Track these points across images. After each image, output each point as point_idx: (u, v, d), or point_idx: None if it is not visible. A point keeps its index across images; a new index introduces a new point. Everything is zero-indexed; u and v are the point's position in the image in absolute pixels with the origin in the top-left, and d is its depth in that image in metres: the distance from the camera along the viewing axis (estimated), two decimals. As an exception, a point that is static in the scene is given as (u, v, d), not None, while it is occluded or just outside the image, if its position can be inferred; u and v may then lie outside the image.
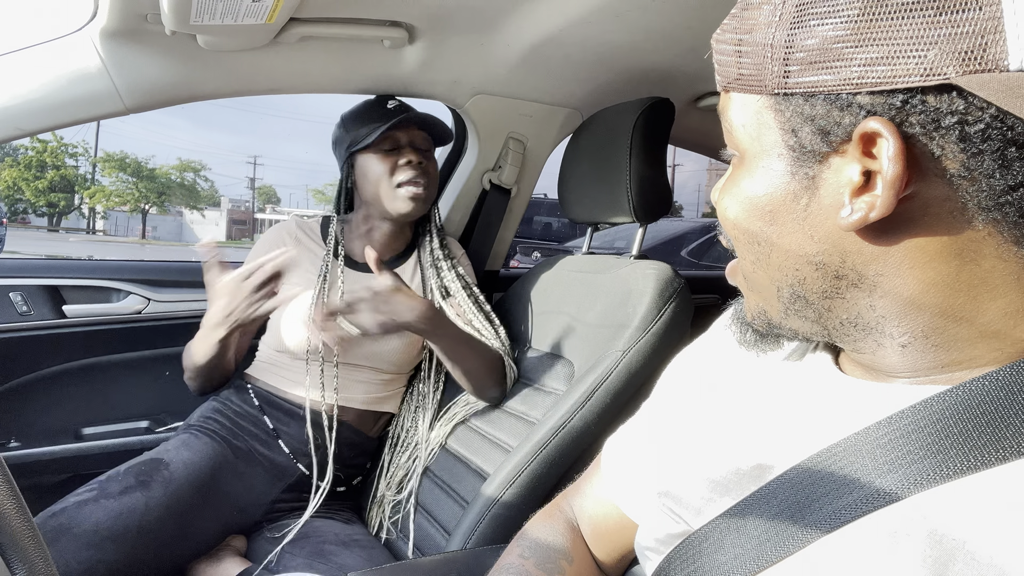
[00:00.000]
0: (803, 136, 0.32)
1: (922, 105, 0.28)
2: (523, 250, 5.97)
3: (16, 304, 1.23)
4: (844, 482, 0.33)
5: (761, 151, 0.35)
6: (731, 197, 0.37)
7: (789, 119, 0.33)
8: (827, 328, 0.37)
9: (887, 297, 0.33)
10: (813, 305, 0.36)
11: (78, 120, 0.97)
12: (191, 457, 1.03)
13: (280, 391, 1.15)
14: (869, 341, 0.35)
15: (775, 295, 0.38)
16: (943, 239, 0.31)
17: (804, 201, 0.34)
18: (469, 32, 1.07)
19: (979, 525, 0.29)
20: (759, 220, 0.36)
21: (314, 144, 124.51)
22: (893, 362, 0.35)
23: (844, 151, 0.31)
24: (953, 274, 0.31)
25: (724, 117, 0.38)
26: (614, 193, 1.08)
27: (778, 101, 0.33)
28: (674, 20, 0.99)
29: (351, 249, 1.21)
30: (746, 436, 0.42)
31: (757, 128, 0.35)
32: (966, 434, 0.30)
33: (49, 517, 0.89)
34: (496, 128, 1.34)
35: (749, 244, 0.37)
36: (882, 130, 0.29)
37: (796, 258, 0.35)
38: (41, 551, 0.36)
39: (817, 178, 0.33)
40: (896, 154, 0.29)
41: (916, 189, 0.30)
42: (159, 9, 0.84)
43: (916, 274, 0.32)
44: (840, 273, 0.34)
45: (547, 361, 1.10)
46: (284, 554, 1.02)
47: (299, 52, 1.04)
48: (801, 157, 0.33)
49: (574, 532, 0.61)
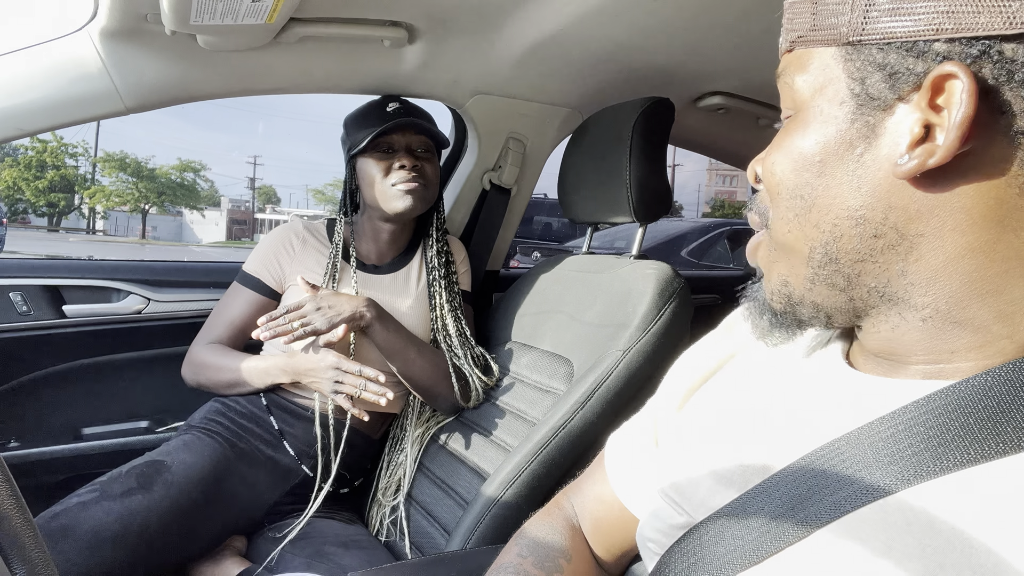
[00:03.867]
0: (871, 84, 0.33)
1: (999, 55, 0.29)
2: (523, 250, 5.97)
3: (16, 304, 1.23)
4: (844, 475, 0.33)
5: (822, 101, 0.35)
6: (781, 152, 0.38)
7: (860, 67, 0.33)
8: (852, 298, 0.36)
9: (921, 260, 0.33)
10: (843, 270, 0.36)
11: (78, 120, 0.97)
12: (193, 459, 1.03)
13: (287, 392, 1.15)
14: (892, 315, 0.35)
15: (805, 258, 0.37)
16: (989, 203, 0.31)
17: (860, 149, 0.34)
18: (469, 32, 1.07)
19: (977, 516, 0.29)
20: (807, 171, 0.36)
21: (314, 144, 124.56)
22: (911, 341, 0.35)
23: (910, 100, 0.32)
24: (992, 242, 0.31)
25: (783, 78, 0.38)
26: (614, 193, 1.08)
27: (849, 51, 0.33)
28: (674, 20, 0.99)
29: (359, 251, 1.22)
30: (753, 432, 0.42)
31: (822, 80, 0.35)
32: (967, 428, 0.31)
33: (50, 518, 0.89)
34: (496, 128, 1.34)
35: (791, 199, 0.37)
36: (958, 71, 0.29)
37: (837, 212, 0.35)
38: (41, 551, 0.36)
39: (878, 126, 0.33)
40: (970, 93, 0.29)
41: (975, 145, 0.30)
42: (159, 9, 0.84)
43: (955, 238, 0.32)
44: (879, 231, 0.34)
45: (547, 361, 1.10)
46: (284, 554, 1.02)
47: (299, 52, 1.04)
48: (865, 105, 0.33)
49: (573, 530, 0.61)
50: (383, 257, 1.23)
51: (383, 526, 1.16)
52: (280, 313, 1.06)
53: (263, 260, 1.19)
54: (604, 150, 1.12)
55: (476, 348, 1.21)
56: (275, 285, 1.19)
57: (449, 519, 1.05)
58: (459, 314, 1.21)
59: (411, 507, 1.14)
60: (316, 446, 1.11)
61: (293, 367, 1.09)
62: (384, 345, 1.11)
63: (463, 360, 1.16)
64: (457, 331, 1.19)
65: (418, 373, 1.13)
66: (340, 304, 1.07)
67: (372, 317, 1.09)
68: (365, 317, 1.08)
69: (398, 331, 1.12)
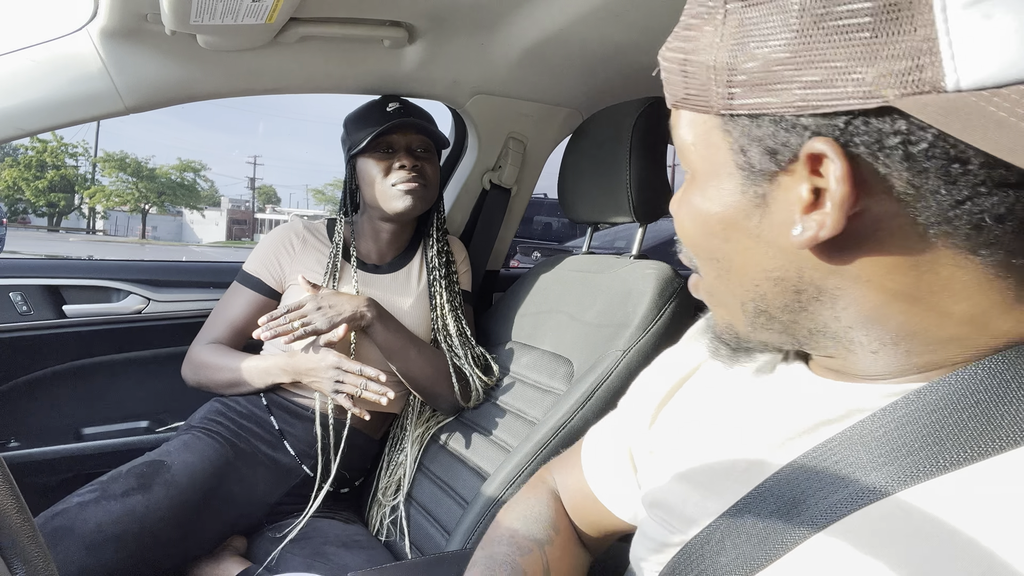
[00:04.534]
0: (752, 156, 0.32)
1: (865, 127, 0.28)
2: (523, 250, 5.96)
3: (16, 304, 1.23)
4: (837, 478, 0.33)
5: (711, 170, 0.35)
6: (686, 210, 0.38)
7: (737, 139, 0.33)
8: (796, 338, 0.37)
9: (850, 308, 0.33)
10: (778, 319, 0.36)
11: (78, 120, 0.97)
12: (193, 459, 1.02)
13: (288, 392, 1.15)
14: (840, 348, 0.35)
15: (739, 309, 0.38)
16: (897, 253, 0.31)
17: (756, 219, 0.34)
18: (469, 32, 1.07)
19: (976, 516, 0.29)
20: (715, 237, 0.36)
21: (314, 144, 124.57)
22: (866, 366, 0.35)
23: (792, 170, 0.31)
24: (912, 284, 0.31)
25: (675, 134, 0.38)
26: (614, 193, 1.08)
27: (725, 121, 0.33)
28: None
29: (360, 250, 1.22)
30: (731, 441, 0.42)
31: (707, 147, 0.35)
32: (961, 424, 0.31)
33: (50, 518, 0.89)
34: (496, 128, 1.34)
35: (708, 260, 0.38)
36: (828, 151, 0.29)
37: (754, 274, 0.35)
38: (41, 551, 0.36)
39: (768, 196, 0.33)
40: (843, 175, 0.29)
41: (865, 206, 0.30)
42: (159, 9, 0.84)
43: (875, 287, 0.32)
44: (799, 288, 0.34)
45: (547, 361, 1.10)
46: (284, 554, 1.02)
47: (299, 52, 1.04)
48: (751, 176, 0.33)
49: (558, 503, 0.63)
50: (383, 257, 1.23)
51: (383, 526, 1.16)
52: (280, 313, 1.07)
53: (263, 260, 1.19)
54: (604, 150, 1.12)
55: (476, 348, 1.21)
56: (275, 285, 1.19)
57: (449, 519, 1.05)
58: (459, 314, 1.21)
59: (411, 507, 1.14)
60: (316, 446, 1.11)
61: (294, 367, 1.09)
62: (384, 345, 1.11)
63: (463, 360, 1.16)
64: (457, 331, 1.19)
65: (418, 373, 1.13)
66: (341, 304, 1.07)
67: (373, 317, 1.09)
68: (366, 317, 1.08)
69: (398, 331, 1.12)
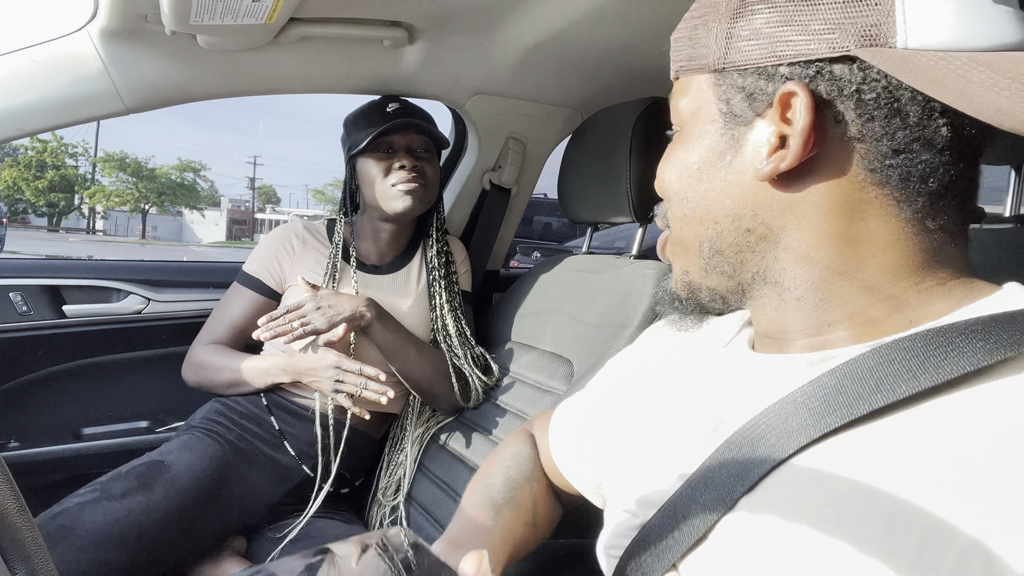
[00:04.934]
0: (734, 104, 0.40)
1: (829, 74, 0.36)
2: (523, 250, 5.97)
3: (16, 304, 1.23)
4: (757, 448, 0.39)
5: (698, 121, 0.42)
6: (670, 165, 0.45)
7: (725, 91, 0.40)
8: (740, 283, 0.43)
9: (788, 249, 0.40)
10: (728, 259, 0.43)
11: (78, 120, 0.97)
12: (193, 459, 1.02)
13: (288, 392, 1.15)
14: (773, 296, 0.42)
15: (697, 251, 0.44)
16: (836, 198, 0.38)
17: (728, 158, 0.41)
18: (469, 32, 1.07)
19: (876, 464, 0.33)
20: (690, 178, 0.43)
21: (314, 144, 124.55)
22: (791, 319, 0.41)
23: (766, 115, 0.39)
24: (843, 229, 0.38)
25: (673, 102, 0.46)
26: (614, 193, 1.08)
27: (717, 77, 0.41)
28: (674, 19, 0.98)
29: (359, 251, 1.22)
30: (681, 423, 0.46)
31: (698, 102, 0.42)
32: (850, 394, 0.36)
33: (50, 518, 0.89)
34: (496, 128, 1.34)
35: (680, 201, 0.44)
36: (797, 89, 0.36)
37: (715, 211, 0.42)
38: (41, 551, 0.36)
39: (741, 139, 0.40)
40: (806, 107, 0.36)
41: (819, 151, 0.37)
42: (159, 9, 0.84)
43: (813, 227, 0.38)
44: (751, 226, 0.41)
45: (546, 360, 1.10)
46: (284, 555, 1.02)
47: (299, 52, 1.04)
48: (730, 121, 0.40)
49: (539, 455, 0.69)
50: (383, 257, 1.23)
51: (383, 526, 1.15)
52: (280, 313, 1.07)
53: (263, 260, 1.19)
54: (604, 150, 1.12)
55: (476, 348, 1.21)
56: (275, 285, 1.19)
57: (449, 519, 1.04)
58: (459, 314, 1.21)
59: (411, 507, 1.14)
60: (316, 446, 1.11)
61: (293, 366, 1.09)
62: (384, 345, 1.11)
63: (463, 360, 1.16)
64: (457, 331, 1.19)
65: (418, 373, 1.13)
66: (340, 303, 1.07)
67: (372, 317, 1.09)
68: (365, 317, 1.08)
69: (398, 331, 1.12)
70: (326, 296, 1.08)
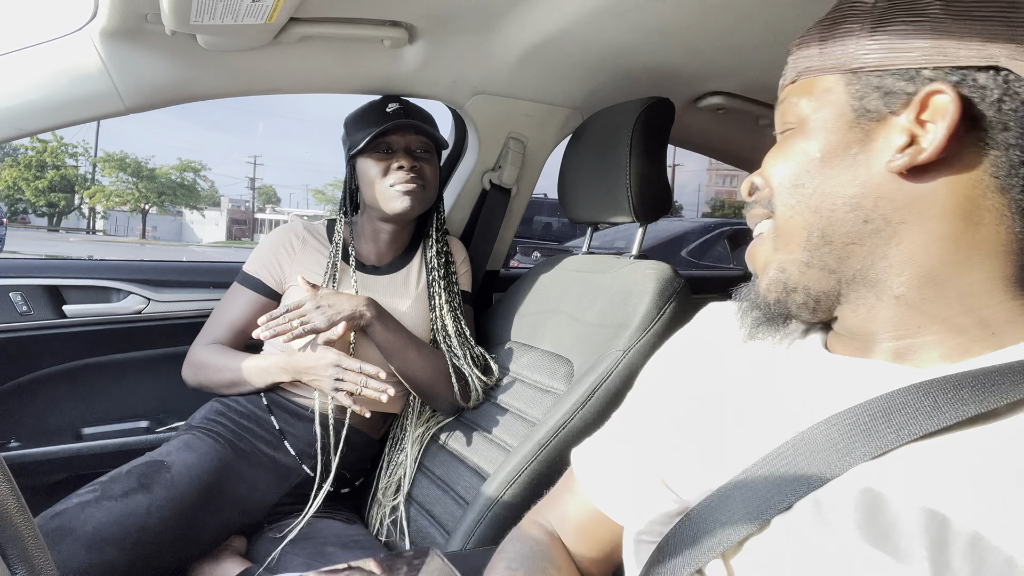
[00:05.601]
0: (868, 101, 0.40)
1: (974, 82, 0.37)
2: (523, 250, 5.97)
3: (16, 304, 1.23)
4: (815, 457, 0.39)
5: (823, 118, 0.43)
6: (782, 157, 0.45)
7: (859, 89, 0.41)
8: (840, 281, 0.43)
9: (901, 245, 0.40)
10: (835, 251, 0.42)
11: (78, 120, 0.97)
12: (193, 459, 1.02)
13: (288, 392, 1.15)
14: (870, 296, 0.42)
15: (804, 241, 0.43)
16: (959, 200, 0.38)
17: (855, 150, 0.41)
18: (469, 32, 1.07)
19: (909, 491, 0.35)
20: (810, 165, 0.43)
21: (314, 144, 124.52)
22: (883, 319, 0.41)
23: (900, 114, 0.39)
24: (958, 232, 0.38)
25: (787, 101, 0.46)
26: (614, 193, 1.08)
27: (851, 77, 0.41)
28: (674, 20, 0.99)
29: (359, 251, 1.22)
30: (738, 417, 0.46)
31: (826, 100, 0.43)
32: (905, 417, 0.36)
33: (50, 518, 0.89)
34: (496, 128, 1.34)
35: (794, 187, 0.44)
36: (945, 88, 0.37)
37: (835, 199, 0.42)
38: (41, 551, 0.36)
39: (871, 133, 0.41)
40: (954, 102, 0.37)
41: (951, 151, 0.38)
42: (159, 9, 0.84)
43: (930, 225, 0.39)
44: (869, 217, 0.41)
45: (547, 361, 1.10)
46: (284, 554, 1.02)
47: (299, 52, 1.04)
48: (862, 117, 0.41)
49: (555, 540, 0.61)
50: (383, 257, 1.23)
51: (383, 526, 1.16)
52: (280, 312, 1.07)
53: (263, 260, 1.19)
54: (604, 150, 1.12)
55: (476, 348, 1.21)
56: (275, 285, 1.19)
57: (449, 519, 1.05)
58: (459, 314, 1.21)
59: (411, 507, 1.14)
60: (316, 446, 1.11)
61: (293, 365, 1.09)
62: (384, 344, 1.11)
63: (463, 360, 1.16)
64: (457, 331, 1.19)
65: (418, 373, 1.13)
66: (340, 303, 1.07)
67: (372, 316, 1.09)
68: (365, 316, 1.08)
69: (398, 330, 1.12)
70: (326, 295, 1.08)
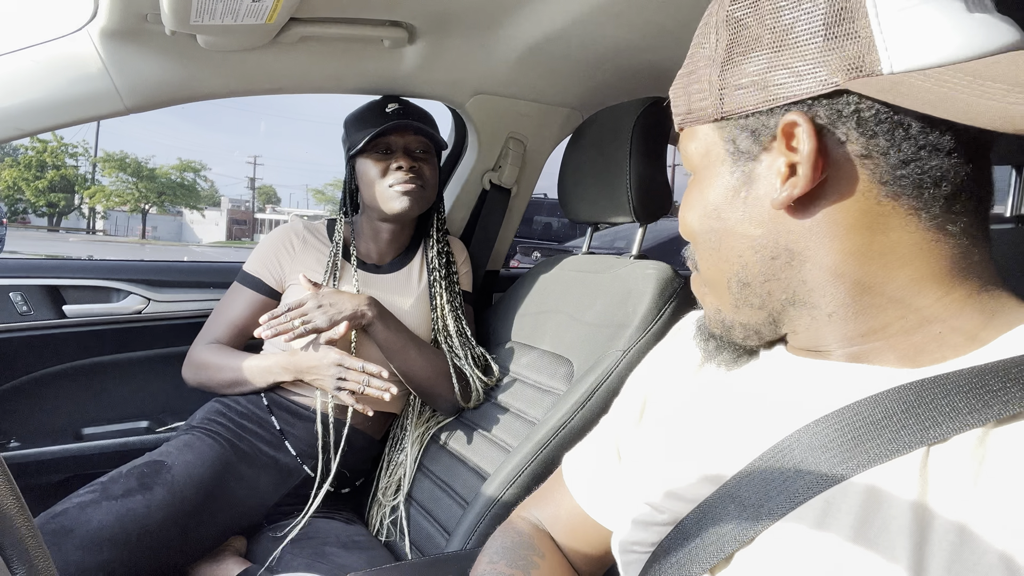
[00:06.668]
0: (740, 143, 0.41)
1: (824, 107, 0.37)
2: (523, 250, 5.97)
3: (16, 304, 1.23)
4: (801, 466, 0.39)
5: (709, 164, 0.44)
6: (689, 208, 0.46)
7: (729, 133, 0.42)
8: (770, 312, 0.44)
9: (815, 269, 0.40)
10: (756, 291, 0.43)
11: (78, 120, 0.97)
12: (194, 459, 1.02)
13: (288, 392, 1.15)
14: (804, 317, 0.42)
15: (727, 288, 0.45)
16: (854, 215, 0.38)
17: (743, 193, 0.42)
18: (469, 32, 1.07)
19: (922, 494, 0.34)
20: (710, 218, 0.44)
21: (314, 144, 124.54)
22: (826, 333, 0.41)
23: (771, 148, 0.40)
24: (866, 244, 0.38)
25: (683, 150, 0.47)
26: (614, 193, 1.08)
27: (719, 124, 0.42)
28: (674, 19, 0.98)
29: (360, 250, 1.22)
30: (720, 427, 0.46)
31: (706, 146, 0.44)
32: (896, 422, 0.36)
33: (51, 518, 0.89)
34: (496, 128, 1.34)
35: (704, 240, 0.45)
36: (798, 119, 0.37)
37: (739, 244, 0.43)
38: (41, 551, 0.36)
39: (752, 173, 0.41)
40: (809, 133, 0.37)
41: (829, 174, 0.38)
42: (159, 9, 0.84)
43: (835, 245, 0.39)
44: (775, 253, 0.41)
45: (547, 361, 1.10)
46: (284, 554, 1.02)
47: (299, 52, 1.04)
48: (739, 159, 0.42)
49: (540, 533, 0.63)
50: (383, 257, 1.23)
51: (383, 526, 1.16)
52: (281, 311, 1.06)
53: (263, 260, 1.19)
54: (604, 150, 1.12)
55: (476, 348, 1.21)
56: (275, 285, 1.19)
57: (449, 519, 1.05)
58: (459, 314, 1.21)
59: (411, 507, 1.14)
60: (317, 445, 1.11)
61: (295, 365, 1.09)
62: (385, 344, 1.11)
63: (463, 360, 1.16)
64: (457, 331, 1.19)
65: (418, 372, 1.13)
66: (341, 302, 1.07)
67: (373, 315, 1.09)
68: (366, 315, 1.08)
69: (399, 330, 1.12)
70: (327, 294, 1.08)
